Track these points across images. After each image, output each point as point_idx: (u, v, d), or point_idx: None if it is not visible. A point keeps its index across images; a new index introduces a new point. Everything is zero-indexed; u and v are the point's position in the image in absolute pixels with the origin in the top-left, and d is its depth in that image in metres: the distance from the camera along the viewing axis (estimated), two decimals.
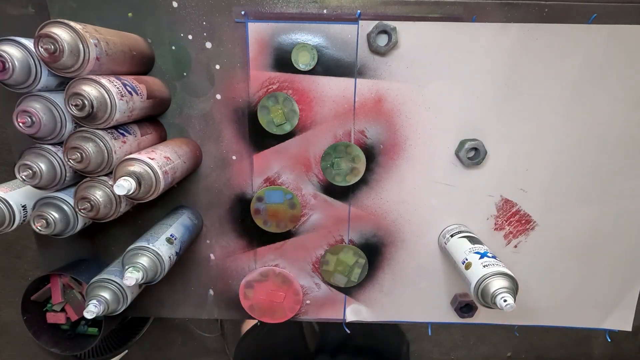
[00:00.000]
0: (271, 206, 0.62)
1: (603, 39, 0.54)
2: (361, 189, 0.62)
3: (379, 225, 0.64)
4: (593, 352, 1.55)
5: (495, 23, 0.54)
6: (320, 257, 0.65)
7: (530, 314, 0.68)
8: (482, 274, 0.49)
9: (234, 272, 0.67)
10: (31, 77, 0.43)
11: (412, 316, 0.69)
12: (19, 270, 1.49)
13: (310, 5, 0.54)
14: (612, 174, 0.60)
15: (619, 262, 0.65)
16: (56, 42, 0.39)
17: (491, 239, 0.64)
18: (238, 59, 0.57)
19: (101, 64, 0.43)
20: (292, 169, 0.61)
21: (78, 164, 0.43)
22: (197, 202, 0.63)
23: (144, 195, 0.45)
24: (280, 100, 0.57)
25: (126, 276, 0.47)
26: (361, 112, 0.58)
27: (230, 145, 0.60)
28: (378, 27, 0.54)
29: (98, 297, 0.51)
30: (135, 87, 0.47)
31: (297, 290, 0.66)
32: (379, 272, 0.66)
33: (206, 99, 0.58)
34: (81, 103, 0.40)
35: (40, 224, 0.46)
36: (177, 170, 0.50)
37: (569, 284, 0.66)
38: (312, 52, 0.55)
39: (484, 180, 0.61)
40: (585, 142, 0.59)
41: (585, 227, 0.63)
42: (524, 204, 0.62)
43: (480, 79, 0.56)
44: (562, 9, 0.54)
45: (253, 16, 0.55)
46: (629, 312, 0.68)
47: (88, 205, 0.44)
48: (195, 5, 0.54)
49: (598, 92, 0.57)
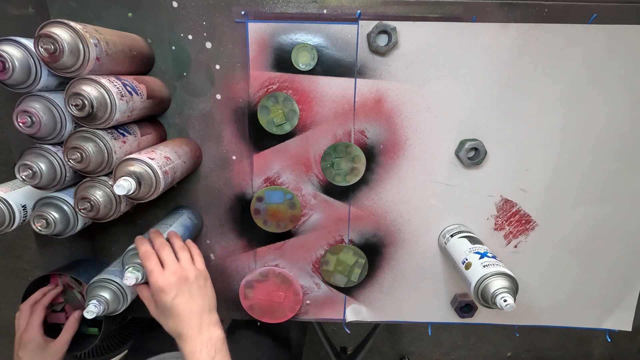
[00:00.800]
0: (271, 206, 0.62)
1: (603, 39, 0.54)
2: (361, 189, 0.62)
3: (379, 225, 0.64)
4: (593, 352, 1.55)
5: (495, 23, 0.54)
6: (320, 257, 0.65)
7: (530, 314, 0.68)
8: (482, 274, 0.49)
9: (234, 272, 0.67)
10: (31, 77, 0.43)
11: (412, 316, 0.69)
12: (19, 270, 1.49)
13: (310, 5, 0.54)
14: (612, 173, 0.60)
15: (619, 262, 0.65)
16: (56, 42, 0.39)
17: (491, 239, 0.63)
18: (238, 59, 0.57)
19: (101, 64, 0.43)
20: (292, 169, 0.61)
21: (78, 164, 0.43)
22: (197, 202, 0.63)
23: (144, 195, 0.45)
24: (280, 100, 0.57)
25: (126, 276, 0.47)
26: (361, 112, 0.58)
27: (230, 145, 0.60)
28: (378, 27, 0.54)
29: (98, 297, 0.51)
30: (135, 87, 0.47)
31: (297, 290, 0.66)
32: (379, 272, 0.66)
33: (206, 99, 0.58)
34: (81, 103, 0.40)
35: (40, 224, 0.46)
36: (177, 170, 0.50)
37: (569, 284, 0.66)
38: (312, 52, 0.55)
39: (484, 180, 0.61)
40: (585, 142, 0.59)
41: (585, 227, 0.63)
42: (524, 204, 0.62)
43: (480, 79, 0.56)
44: (562, 9, 0.54)
45: (253, 16, 0.55)
46: (628, 312, 0.68)
47: (88, 205, 0.44)
48: (195, 5, 0.54)
49: (598, 92, 0.57)
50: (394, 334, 1.53)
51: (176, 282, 0.47)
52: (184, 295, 0.47)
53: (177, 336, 0.47)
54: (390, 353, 1.54)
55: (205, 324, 0.47)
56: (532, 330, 0.93)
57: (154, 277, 0.46)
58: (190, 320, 0.46)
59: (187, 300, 0.47)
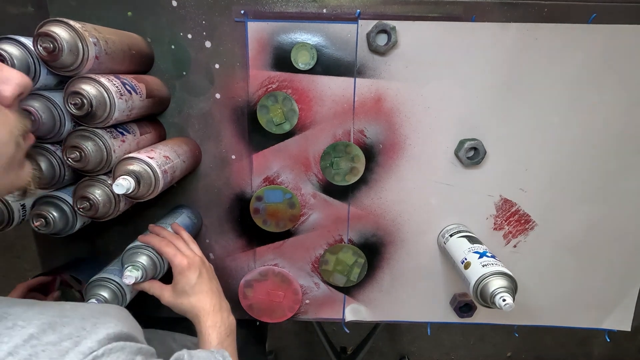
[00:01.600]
0: (270, 205, 0.62)
1: (603, 39, 0.54)
2: (360, 189, 0.62)
3: (378, 225, 0.64)
4: (593, 352, 1.55)
5: (495, 23, 0.54)
6: (320, 256, 0.65)
7: (530, 314, 0.68)
8: (481, 273, 0.49)
9: (233, 271, 0.67)
10: (30, 75, 0.43)
11: (412, 316, 0.69)
12: (19, 270, 1.49)
13: (309, 5, 0.54)
14: (612, 173, 0.60)
15: (618, 262, 0.65)
16: (55, 41, 0.39)
17: (490, 238, 0.63)
18: (237, 58, 0.56)
19: (100, 62, 0.43)
20: (291, 169, 0.61)
21: (77, 162, 0.43)
22: (196, 202, 0.63)
23: (143, 195, 0.44)
24: (279, 99, 0.57)
25: (125, 275, 0.47)
26: (361, 111, 0.58)
27: (229, 145, 0.60)
28: (377, 26, 0.54)
29: (97, 296, 0.51)
30: (135, 86, 0.47)
31: (297, 289, 0.66)
32: (378, 272, 0.66)
33: (205, 98, 0.58)
34: (80, 102, 0.40)
35: (39, 223, 0.46)
36: (176, 170, 0.50)
37: (569, 284, 0.66)
38: (311, 51, 0.55)
39: (483, 180, 0.61)
40: (584, 142, 0.59)
41: (584, 227, 0.63)
42: (523, 204, 0.62)
43: (480, 78, 0.56)
44: (562, 9, 0.54)
45: (252, 15, 0.55)
46: (628, 312, 0.68)
47: (87, 204, 0.44)
48: (195, 4, 0.54)
49: (597, 92, 0.57)
50: (394, 334, 1.53)
51: (199, 262, 0.51)
52: (206, 275, 0.51)
53: (198, 312, 0.49)
54: (390, 353, 1.54)
55: (224, 307, 0.51)
56: (532, 330, 0.93)
57: (178, 259, 0.49)
58: (212, 297, 0.49)
59: (209, 280, 0.51)
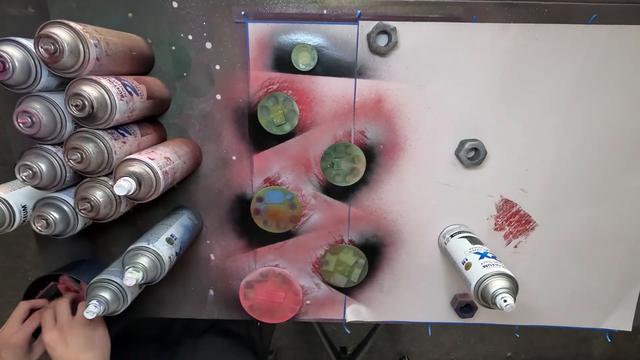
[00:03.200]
0: (271, 206, 0.62)
1: (603, 39, 0.54)
2: (361, 189, 0.62)
3: (379, 226, 0.64)
4: (593, 352, 1.55)
5: (495, 23, 0.54)
6: (320, 257, 0.65)
7: (530, 314, 0.68)
8: (482, 274, 0.49)
9: (234, 272, 0.67)
10: (31, 77, 0.43)
11: (412, 316, 0.69)
12: (19, 270, 1.49)
13: (310, 6, 0.54)
14: (612, 173, 0.60)
15: (619, 262, 0.65)
16: (56, 43, 0.39)
17: (491, 239, 0.64)
18: (238, 59, 0.57)
19: (101, 64, 0.43)
20: (292, 169, 0.61)
21: (78, 164, 0.43)
22: (197, 203, 0.63)
23: (144, 196, 0.45)
24: (280, 100, 0.57)
25: (126, 276, 0.47)
26: (361, 112, 0.58)
27: (230, 146, 0.60)
28: (378, 27, 0.54)
29: (98, 297, 0.51)
30: (136, 87, 0.47)
31: (297, 290, 0.66)
32: (379, 272, 0.66)
33: (206, 99, 0.58)
34: (81, 103, 0.40)
35: (41, 225, 0.46)
36: (177, 171, 0.50)
37: (569, 284, 0.66)
38: (312, 52, 0.55)
39: (483, 180, 0.61)
40: (585, 142, 0.59)
41: (585, 227, 0.63)
42: (523, 204, 0.62)
43: (480, 79, 0.56)
44: (562, 9, 0.54)
45: (253, 16, 0.55)
46: (628, 312, 0.68)
47: (88, 206, 0.44)
48: (195, 5, 0.54)
49: (598, 92, 0.57)
50: (394, 334, 1.53)
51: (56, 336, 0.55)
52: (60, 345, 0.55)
53: None
54: (390, 353, 1.54)
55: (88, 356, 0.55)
56: (532, 330, 0.93)
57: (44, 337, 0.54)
58: None
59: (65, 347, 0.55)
